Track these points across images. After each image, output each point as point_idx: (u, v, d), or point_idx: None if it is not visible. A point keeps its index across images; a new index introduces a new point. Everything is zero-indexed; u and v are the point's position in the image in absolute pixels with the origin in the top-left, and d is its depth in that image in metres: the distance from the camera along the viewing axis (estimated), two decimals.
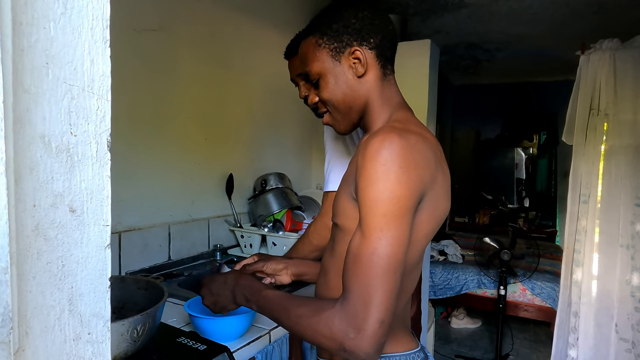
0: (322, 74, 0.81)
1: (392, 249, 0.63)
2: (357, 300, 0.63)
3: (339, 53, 0.79)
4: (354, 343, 0.61)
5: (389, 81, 0.82)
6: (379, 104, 0.81)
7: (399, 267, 0.64)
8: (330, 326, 0.64)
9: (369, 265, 0.63)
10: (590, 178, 2.12)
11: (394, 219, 0.64)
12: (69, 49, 0.39)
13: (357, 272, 0.64)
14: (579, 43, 2.15)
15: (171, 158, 1.69)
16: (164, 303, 0.82)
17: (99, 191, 0.42)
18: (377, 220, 0.64)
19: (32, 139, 0.36)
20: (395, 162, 0.64)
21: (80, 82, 0.40)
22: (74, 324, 0.40)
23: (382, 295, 0.62)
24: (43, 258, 0.37)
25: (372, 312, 0.61)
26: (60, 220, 0.39)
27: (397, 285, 0.64)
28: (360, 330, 0.61)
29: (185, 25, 1.70)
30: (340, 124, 0.85)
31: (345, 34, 0.78)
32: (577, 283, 2.17)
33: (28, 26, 0.35)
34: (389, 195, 0.64)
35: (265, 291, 0.77)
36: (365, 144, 0.68)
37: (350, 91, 0.80)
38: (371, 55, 0.79)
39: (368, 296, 0.62)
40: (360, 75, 0.79)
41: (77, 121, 0.40)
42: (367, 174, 0.66)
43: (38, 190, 0.37)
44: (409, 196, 0.65)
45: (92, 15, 0.40)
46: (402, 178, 0.64)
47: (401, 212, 0.64)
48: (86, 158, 0.41)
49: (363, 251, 0.64)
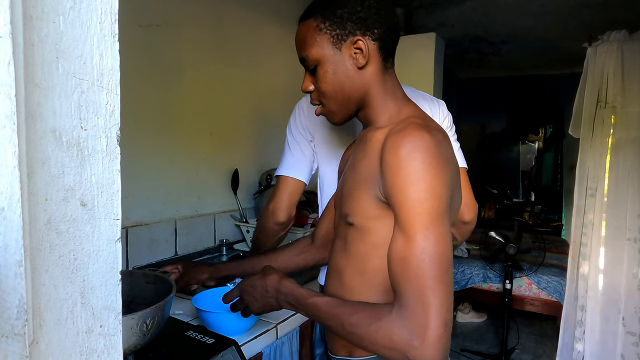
0: (320, 61, 0.77)
1: (441, 247, 0.62)
2: (415, 305, 0.60)
3: (340, 41, 0.75)
4: (419, 352, 0.59)
5: (390, 74, 0.80)
6: (381, 97, 0.78)
7: (450, 264, 0.63)
8: (390, 335, 0.61)
9: (420, 267, 0.61)
10: (597, 171, 2.10)
11: (438, 217, 0.63)
12: (78, 43, 0.39)
13: (409, 276, 0.61)
14: (586, 35, 2.13)
15: (177, 153, 1.70)
16: (173, 297, 0.83)
17: (109, 185, 0.42)
18: (422, 220, 0.62)
19: (43, 133, 0.36)
20: (432, 160, 0.63)
21: (90, 76, 0.40)
22: (86, 317, 0.41)
23: (440, 297, 0.60)
24: (55, 251, 0.38)
25: (433, 316, 0.59)
26: (72, 214, 0.39)
27: (451, 283, 0.62)
28: (424, 338, 0.59)
29: (190, 20, 1.70)
30: (336, 115, 0.81)
31: (350, 22, 0.74)
32: (584, 276, 2.16)
33: (38, 20, 0.35)
34: (431, 193, 0.63)
35: (312, 299, 0.73)
36: (395, 144, 0.66)
37: (349, 82, 0.76)
38: (374, 47, 0.75)
39: (426, 299, 0.59)
40: (360, 66, 0.75)
41: (87, 115, 0.40)
42: (404, 175, 0.64)
43: (49, 184, 0.37)
44: (446, 192, 0.65)
45: (100, 9, 0.40)
46: (440, 175, 0.64)
47: (442, 209, 0.64)
48: (96, 152, 0.41)
49: (411, 253, 0.62)
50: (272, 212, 1.19)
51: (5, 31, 0.29)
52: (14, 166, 0.30)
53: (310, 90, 0.82)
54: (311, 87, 0.81)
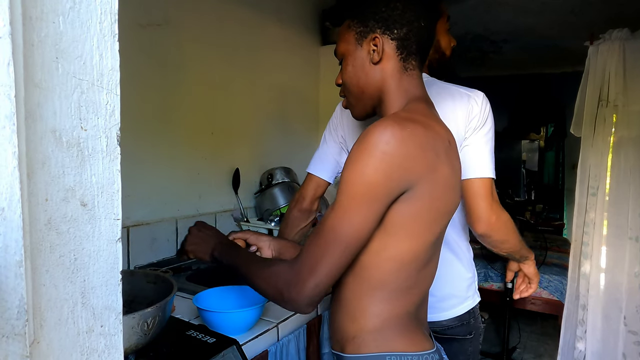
0: (345, 55, 0.84)
1: (349, 230, 0.67)
2: (305, 262, 0.69)
3: (362, 37, 0.81)
4: (289, 295, 0.69)
5: (410, 75, 0.81)
6: (395, 94, 0.80)
7: (350, 247, 0.68)
8: (277, 277, 0.71)
9: (324, 238, 0.68)
10: (598, 170, 2.10)
11: (361, 202, 0.67)
12: (78, 43, 0.39)
13: (314, 240, 0.69)
14: (588, 33, 2.12)
15: (178, 153, 1.70)
16: (174, 296, 0.83)
17: (110, 185, 0.42)
18: (345, 200, 0.68)
19: (43, 133, 0.36)
20: (379, 148, 0.66)
21: (90, 77, 0.40)
22: (86, 317, 0.41)
23: (325, 265, 0.67)
24: (56, 252, 0.38)
25: (312, 275, 0.67)
26: (72, 214, 0.39)
27: (343, 262, 0.69)
28: (297, 286, 0.68)
29: (190, 19, 1.70)
30: (355, 108, 0.88)
31: (372, 20, 0.79)
32: (585, 276, 2.16)
33: (38, 21, 0.35)
34: (362, 179, 0.66)
35: (241, 250, 0.85)
36: (365, 130, 0.69)
37: (364, 75, 0.81)
38: (391, 46, 0.79)
39: (314, 262, 0.68)
40: (375, 62, 0.80)
41: (87, 115, 0.40)
42: (351, 155, 0.69)
43: (50, 184, 0.37)
44: (383, 184, 0.67)
45: (100, 9, 0.40)
46: (381, 165, 0.66)
47: (370, 197, 0.67)
48: (96, 152, 0.41)
49: (325, 222, 0.69)
50: (297, 200, 1.31)
51: (5, 32, 0.29)
52: (13, 167, 0.30)
53: (339, 83, 0.88)
54: (339, 81, 0.88)
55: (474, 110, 1.07)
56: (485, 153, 1.07)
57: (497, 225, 1.05)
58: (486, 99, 1.11)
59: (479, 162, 1.05)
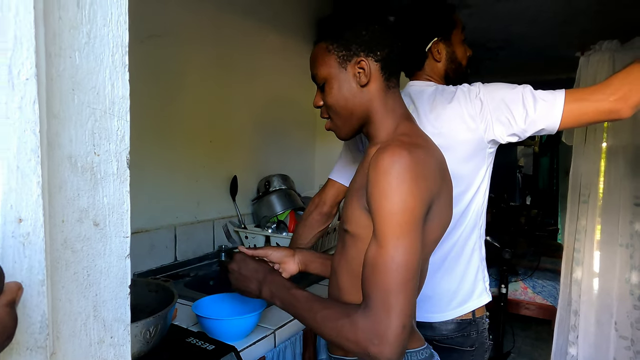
0: (328, 78, 0.85)
1: (409, 257, 0.67)
2: (379, 307, 0.66)
3: (346, 61, 0.82)
4: (378, 349, 0.65)
5: (393, 93, 0.85)
6: (382, 114, 0.84)
7: (415, 274, 0.68)
8: (355, 331, 0.67)
9: (387, 273, 0.66)
10: (590, 178, 2.14)
11: (408, 229, 0.68)
12: (92, 75, 0.42)
13: (376, 280, 0.67)
14: (580, 42, 2.17)
15: (177, 161, 1.73)
16: (175, 305, 0.85)
17: (120, 205, 0.45)
18: (393, 230, 0.67)
19: (60, 160, 0.39)
20: (407, 176, 0.68)
21: (103, 105, 0.43)
22: (98, 329, 0.44)
23: (402, 302, 0.65)
24: (70, 269, 0.41)
25: (393, 319, 0.65)
26: (86, 234, 0.42)
27: (415, 291, 0.68)
28: (384, 337, 0.64)
29: (189, 30, 1.73)
30: (341, 129, 0.88)
31: (355, 44, 0.81)
32: (577, 282, 2.20)
33: (57, 57, 0.38)
34: (403, 206, 0.67)
35: (293, 290, 0.80)
36: (376, 159, 0.71)
37: (352, 98, 0.83)
38: (376, 67, 0.82)
39: (389, 303, 0.65)
40: (363, 84, 0.82)
41: (100, 142, 0.43)
42: (381, 188, 0.69)
43: (66, 207, 0.40)
44: (420, 206, 0.69)
45: (112, 43, 0.43)
46: (414, 190, 0.68)
47: (414, 222, 0.68)
48: (108, 175, 0.44)
49: (381, 260, 0.67)
50: (317, 204, 1.35)
51: (31, 74, 0.32)
52: (37, 195, 0.33)
53: (320, 105, 0.90)
54: (320, 103, 0.89)
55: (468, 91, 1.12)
56: (533, 100, 1.04)
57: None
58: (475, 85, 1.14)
59: (546, 104, 1.02)
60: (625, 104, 0.96)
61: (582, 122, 1.05)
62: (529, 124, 1.05)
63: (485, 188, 1.18)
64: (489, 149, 1.13)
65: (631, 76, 0.98)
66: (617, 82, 0.98)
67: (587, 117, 1.03)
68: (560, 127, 1.03)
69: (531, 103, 1.04)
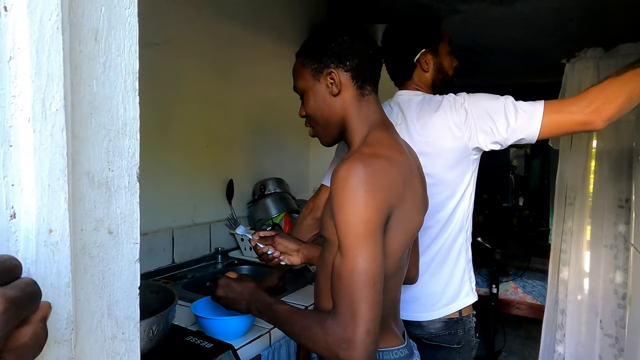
0: (305, 90, 0.91)
1: (368, 265, 0.71)
2: (346, 314, 0.70)
3: (318, 73, 0.88)
4: (347, 353, 0.69)
5: (367, 100, 0.89)
6: (356, 120, 0.88)
7: (377, 280, 0.71)
8: (326, 338, 0.71)
9: (349, 282, 0.70)
10: (575, 181, 2.21)
11: (365, 239, 0.72)
12: (107, 100, 0.47)
13: (341, 289, 0.72)
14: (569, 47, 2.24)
15: (174, 165, 1.78)
16: (176, 306, 0.90)
17: (130, 215, 0.50)
18: (351, 241, 0.72)
19: (80, 176, 0.44)
20: (361, 188, 0.72)
21: (116, 126, 0.48)
22: (111, 326, 0.49)
23: (365, 307, 0.69)
24: (88, 272, 0.46)
25: (358, 324, 0.69)
26: (101, 241, 0.47)
27: (378, 296, 0.71)
28: (351, 342, 0.69)
29: (187, 38, 1.78)
30: (322, 137, 0.95)
31: (325, 56, 0.87)
32: (564, 282, 2.26)
33: (77, 86, 0.44)
34: (358, 218, 0.72)
35: (276, 305, 0.85)
36: (335, 172, 0.76)
37: (327, 107, 0.89)
38: (346, 77, 0.87)
39: (354, 310, 0.69)
40: (335, 94, 0.87)
41: (114, 159, 0.48)
42: (338, 200, 0.74)
43: (84, 217, 0.45)
44: (375, 217, 0.73)
45: (124, 71, 0.49)
46: (368, 202, 0.72)
47: (371, 232, 0.72)
48: (120, 189, 0.49)
49: (343, 269, 0.72)
50: (311, 209, 1.40)
51: (60, 105, 0.37)
52: (65, 209, 0.38)
53: (303, 115, 0.96)
54: (303, 113, 0.95)
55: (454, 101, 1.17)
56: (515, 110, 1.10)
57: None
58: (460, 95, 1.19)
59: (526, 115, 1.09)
60: (599, 116, 1.03)
61: (560, 132, 1.12)
62: (510, 133, 1.11)
63: (470, 193, 1.23)
64: (473, 155, 1.19)
65: (606, 91, 1.04)
66: (592, 95, 1.05)
67: (564, 128, 1.09)
68: (539, 137, 1.10)
69: (512, 113, 1.10)
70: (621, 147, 2.13)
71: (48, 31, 0.36)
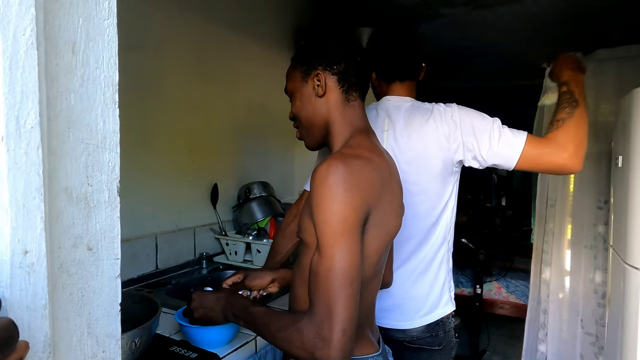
0: (293, 91, 0.93)
1: (345, 263, 0.71)
2: (321, 312, 0.70)
3: (306, 75, 0.90)
4: (323, 352, 0.69)
5: (352, 106, 0.90)
6: (339, 125, 0.89)
7: (354, 279, 0.71)
8: (302, 338, 0.71)
9: (326, 280, 0.70)
10: (556, 183, 2.25)
11: (343, 237, 0.71)
12: (85, 114, 0.46)
13: (318, 287, 0.71)
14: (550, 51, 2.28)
15: (158, 170, 1.75)
16: (159, 317, 0.89)
17: (111, 230, 0.49)
18: (329, 239, 0.72)
19: (57, 192, 0.43)
20: (340, 186, 0.72)
21: (95, 140, 0.47)
22: (91, 344, 0.48)
23: (342, 306, 0.69)
24: (67, 290, 0.45)
25: (335, 323, 0.68)
26: (80, 258, 0.46)
27: (355, 295, 0.71)
28: (327, 340, 0.68)
29: (170, 41, 1.76)
30: (306, 139, 0.96)
31: (314, 59, 0.89)
32: (546, 282, 2.31)
33: (54, 100, 0.43)
34: (336, 216, 0.72)
35: (251, 308, 0.84)
36: (315, 171, 0.76)
37: (312, 109, 0.90)
38: (333, 80, 0.88)
39: (330, 309, 0.69)
40: (320, 95, 0.88)
41: (93, 173, 0.47)
42: (316, 198, 0.74)
43: (62, 234, 0.44)
44: (354, 215, 0.73)
45: (104, 83, 0.48)
46: (346, 199, 0.72)
47: (348, 230, 0.72)
48: (100, 203, 0.48)
49: (320, 268, 0.72)
50: (295, 214, 1.40)
51: (36, 122, 0.36)
52: (41, 228, 0.37)
53: (292, 117, 0.97)
54: (291, 115, 0.96)
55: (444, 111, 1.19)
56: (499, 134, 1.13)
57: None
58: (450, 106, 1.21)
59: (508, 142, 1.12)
60: (577, 161, 1.09)
61: (537, 168, 1.16)
62: (490, 155, 1.14)
63: (453, 205, 1.25)
64: (456, 167, 1.21)
65: (570, 133, 1.09)
66: (562, 139, 1.09)
67: (541, 166, 1.14)
68: (516, 167, 1.13)
69: (496, 138, 1.13)
70: (600, 149, 2.17)
71: (22, 47, 0.35)
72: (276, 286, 1.13)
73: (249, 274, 1.12)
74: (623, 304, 1.39)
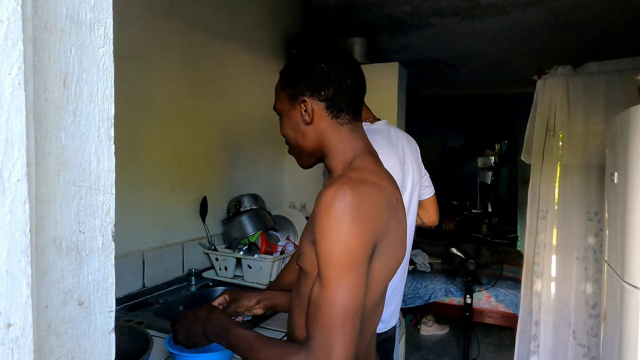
0: (281, 113, 0.88)
1: (349, 298, 0.67)
2: (319, 348, 0.66)
3: (294, 99, 0.84)
4: None
5: (348, 128, 0.84)
6: (337, 147, 0.83)
7: (356, 314, 0.68)
8: None
9: (328, 315, 0.66)
10: (547, 195, 2.26)
11: (349, 270, 0.67)
12: (78, 153, 0.41)
13: (317, 321, 0.67)
14: (535, 60, 2.30)
15: (145, 184, 1.68)
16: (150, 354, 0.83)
17: (105, 280, 0.44)
18: (333, 272, 0.67)
19: (45, 243, 0.38)
20: (347, 214, 0.67)
21: (88, 182, 0.42)
22: None
23: (341, 343, 0.65)
24: (55, 354, 0.39)
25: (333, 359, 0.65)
26: (70, 315, 0.41)
27: (356, 331, 0.68)
28: None
29: (158, 50, 1.70)
30: (298, 160, 0.91)
31: (301, 83, 0.82)
32: (537, 293, 2.30)
33: (42, 140, 0.37)
34: (342, 247, 0.67)
35: (235, 329, 0.79)
36: (320, 196, 0.71)
37: (300, 135, 0.84)
38: (320, 106, 0.81)
39: (329, 344, 0.65)
40: (307, 122, 0.83)
41: (85, 219, 0.42)
42: (321, 225, 0.69)
43: (50, 291, 0.39)
44: (361, 247, 0.69)
45: (98, 117, 0.43)
46: (354, 230, 0.68)
47: (355, 262, 0.68)
48: (93, 252, 0.43)
49: (322, 301, 0.67)
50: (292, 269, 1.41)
51: (22, 174, 0.31)
52: (27, 295, 0.32)
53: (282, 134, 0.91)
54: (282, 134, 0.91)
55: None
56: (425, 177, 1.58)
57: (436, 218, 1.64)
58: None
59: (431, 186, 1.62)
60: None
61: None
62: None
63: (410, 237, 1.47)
64: None
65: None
66: None
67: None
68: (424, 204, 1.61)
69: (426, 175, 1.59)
70: (590, 161, 2.19)
71: (7, 88, 0.30)
72: (260, 308, 1.08)
73: (234, 295, 1.08)
74: (621, 321, 1.38)
